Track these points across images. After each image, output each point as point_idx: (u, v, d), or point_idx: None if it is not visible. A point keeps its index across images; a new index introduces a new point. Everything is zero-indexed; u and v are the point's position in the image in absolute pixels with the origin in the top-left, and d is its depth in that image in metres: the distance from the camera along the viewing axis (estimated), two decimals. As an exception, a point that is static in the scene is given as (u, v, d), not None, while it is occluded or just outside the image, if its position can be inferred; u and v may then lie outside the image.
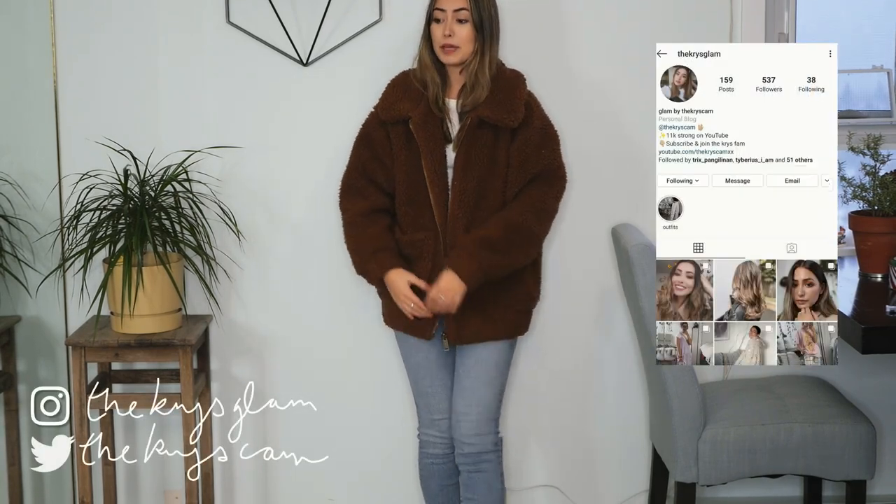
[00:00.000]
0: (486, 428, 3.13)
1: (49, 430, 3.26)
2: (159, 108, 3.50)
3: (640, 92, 3.43)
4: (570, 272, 3.60)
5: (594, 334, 3.65)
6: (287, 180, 3.54)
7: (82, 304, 3.44)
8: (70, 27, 3.46)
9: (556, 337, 3.63)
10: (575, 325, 3.64)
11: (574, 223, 3.57)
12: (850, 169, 3.38)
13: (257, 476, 3.67)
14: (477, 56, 3.06)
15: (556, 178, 3.15)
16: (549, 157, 3.12)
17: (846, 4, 3.98)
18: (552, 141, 3.15)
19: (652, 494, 3.53)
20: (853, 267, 3.40)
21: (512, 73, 3.15)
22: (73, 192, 3.37)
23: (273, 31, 3.45)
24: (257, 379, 3.60)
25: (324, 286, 3.59)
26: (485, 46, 3.06)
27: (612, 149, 3.56)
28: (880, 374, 3.64)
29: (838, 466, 3.13)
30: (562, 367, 3.66)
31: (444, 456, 3.22)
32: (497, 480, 3.16)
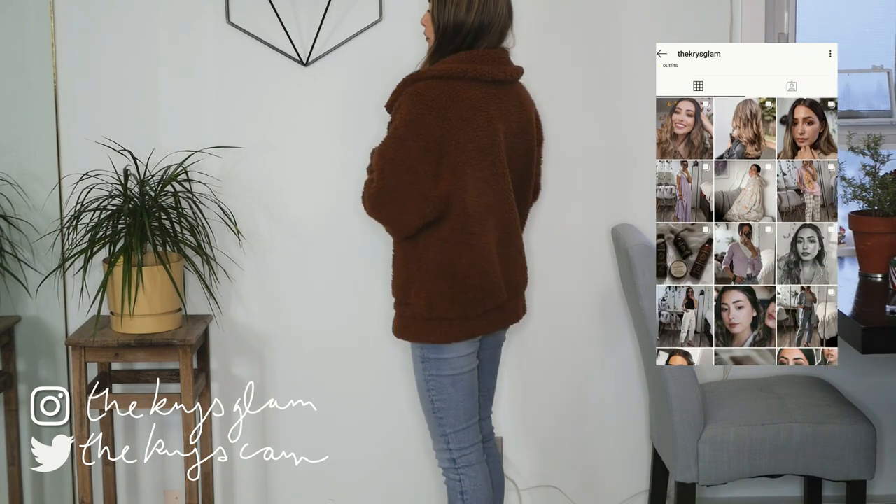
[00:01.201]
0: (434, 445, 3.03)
1: (49, 430, 3.27)
2: (159, 108, 3.50)
3: (640, 92, 3.43)
4: (570, 272, 3.60)
5: (594, 334, 3.65)
6: (287, 180, 3.54)
7: (82, 304, 3.45)
8: (70, 27, 3.46)
9: (556, 337, 3.63)
10: (575, 325, 3.64)
11: (574, 223, 3.58)
12: (850, 169, 3.38)
13: (257, 476, 3.67)
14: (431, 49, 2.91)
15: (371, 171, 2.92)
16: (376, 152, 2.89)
17: (846, 4, 3.98)
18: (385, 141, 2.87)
19: (652, 494, 3.53)
20: (853, 267, 3.40)
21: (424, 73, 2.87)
22: (73, 192, 3.37)
23: (273, 31, 3.46)
24: (257, 379, 3.60)
25: (324, 286, 3.59)
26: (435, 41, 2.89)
27: (612, 149, 3.56)
28: (880, 374, 3.64)
29: (838, 466, 3.13)
30: (562, 366, 3.66)
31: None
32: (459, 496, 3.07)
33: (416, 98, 2.79)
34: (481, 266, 2.86)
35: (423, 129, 2.77)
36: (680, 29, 3.48)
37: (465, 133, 2.79)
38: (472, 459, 2.99)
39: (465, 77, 2.82)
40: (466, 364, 2.94)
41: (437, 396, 2.94)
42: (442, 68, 2.83)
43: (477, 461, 3.00)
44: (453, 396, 2.94)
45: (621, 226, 3.43)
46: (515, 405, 3.66)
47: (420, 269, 2.87)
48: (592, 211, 3.57)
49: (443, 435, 2.97)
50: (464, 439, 2.98)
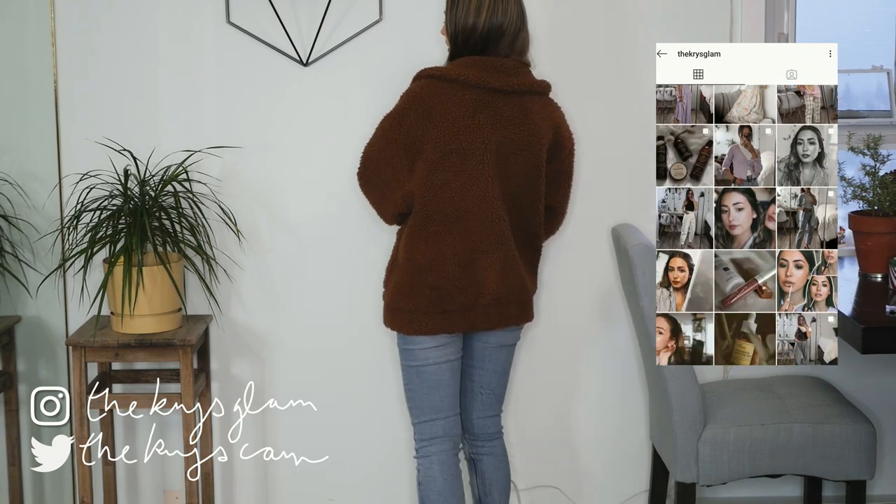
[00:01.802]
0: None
1: (49, 430, 3.27)
2: (159, 108, 3.50)
3: (641, 92, 3.43)
4: (570, 272, 3.60)
5: (594, 334, 3.65)
6: (287, 180, 3.54)
7: (82, 304, 3.45)
8: (70, 27, 3.46)
9: (556, 337, 3.63)
10: (575, 325, 3.64)
11: (574, 223, 3.57)
12: (850, 169, 3.38)
13: (257, 476, 3.67)
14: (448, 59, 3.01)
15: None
16: None
17: (846, 4, 3.98)
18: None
19: (652, 494, 3.53)
20: (853, 267, 3.40)
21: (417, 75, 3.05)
22: (74, 192, 3.37)
23: (273, 31, 3.46)
24: (257, 379, 3.60)
25: (324, 286, 3.59)
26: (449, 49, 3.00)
27: (612, 149, 3.56)
28: (880, 374, 3.64)
29: (838, 466, 3.13)
30: (562, 366, 3.66)
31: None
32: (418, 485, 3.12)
33: (408, 94, 2.95)
34: (439, 266, 2.93)
35: (406, 124, 2.91)
36: (680, 29, 3.48)
37: (447, 135, 2.88)
38: (431, 451, 3.06)
39: (457, 81, 2.89)
40: (431, 357, 3.00)
41: (406, 386, 3.08)
42: (443, 69, 2.93)
43: (435, 453, 3.06)
44: (418, 387, 3.04)
45: (621, 226, 3.43)
46: (515, 405, 3.66)
47: (393, 261, 3.05)
48: (592, 211, 3.57)
49: (413, 424, 3.10)
50: (425, 431, 3.05)
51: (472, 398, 3.15)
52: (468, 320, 2.99)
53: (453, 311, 2.96)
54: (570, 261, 3.60)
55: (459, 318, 2.97)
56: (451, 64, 2.95)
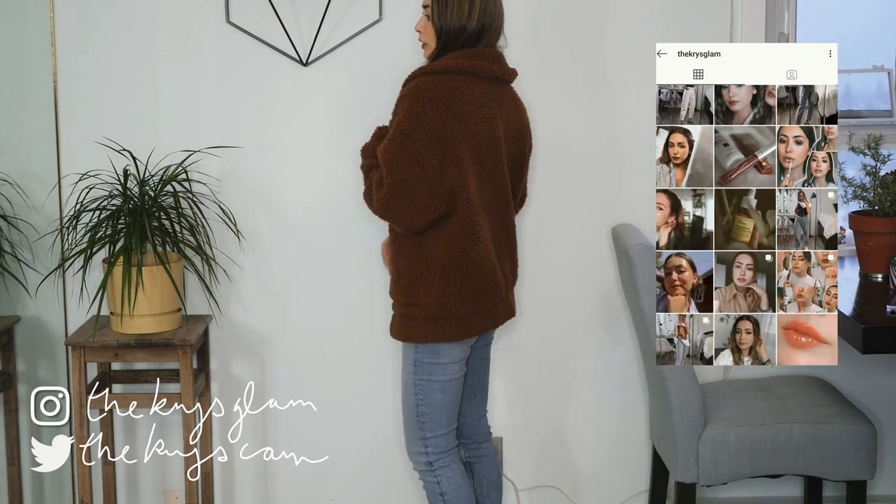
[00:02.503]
0: (412, 447, 3.03)
1: (49, 430, 3.27)
2: (159, 108, 3.50)
3: (641, 92, 3.43)
4: (571, 272, 3.60)
5: (594, 334, 3.65)
6: (287, 180, 3.54)
7: (82, 304, 3.44)
8: (70, 27, 3.46)
9: (556, 337, 3.63)
10: (575, 325, 3.64)
11: (574, 223, 3.57)
12: (850, 169, 3.38)
13: (257, 476, 3.67)
14: (433, 54, 2.93)
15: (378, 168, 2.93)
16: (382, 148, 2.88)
17: (846, 4, 3.98)
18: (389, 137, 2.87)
19: (652, 494, 3.53)
20: (853, 267, 3.40)
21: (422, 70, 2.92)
22: (73, 192, 3.37)
23: (273, 31, 3.45)
24: (257, 379, 3.60)
25: (324, 286, 3.59)
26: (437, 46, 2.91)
27: (613, 149, 3.56)
28: (880, 374, 3.64)
29: (838, 466, 3.13)
30: (562, 366, 3.66)
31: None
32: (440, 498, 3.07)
33: (418, 92, 2.81)
34: (488, 259, 2.89)
35: (427, 121, 2.78)
36: (680, 29, 3.48)
37: (468, 128, 2.81)
38: (448, 461, 3.01)
39: (465, 73, 2.84)
40: (458, 370, 2.96)
41: (424, 401, 2.96)
42: (442, 64, 2.86)
43: (453, 461, 3.02)
44: (440, 402, 2.96)
45: (621, 226, 3.43)
46: (515, 405, 3.66)
47: (429, 268, 2.87)
48: (592, 211, 3.57)
49: (422, 438, 2.99)
50: (442, 444, 3.00)
51: (467, 402, 3.14)
52: (504, 311, 2.99)
53: (498, 304, 2.94)
54: (570, 261, 3.59)
55: (501, 310, 2.97)
56: (448, 58, 2.87)
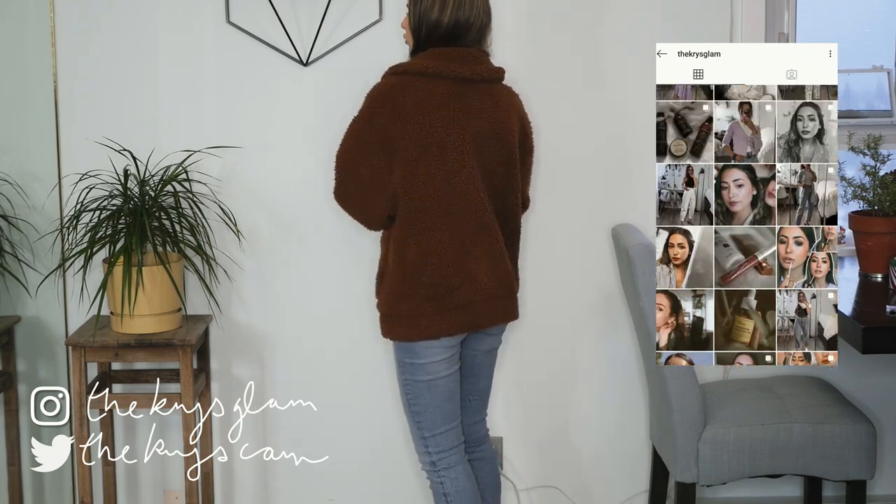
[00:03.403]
0: (415, 447, 3.04)
1: (49, 430, 3.27)
2: (159, 108, 3.50)
3: (640, 92, 3.43)
4: (570, 272, 3.60)
5: (594, 334, 3.65)
6: (287, 180, 3.55)
7: (82, 304, 3.44)
8: (70, 27, 3.46)
9: (556, 337, 3.63)
10: (575, 324, 3.64)
11: (574, 223, 3.58)
12: (850, 169, 3.38)
13: (257, 476, 3.67)
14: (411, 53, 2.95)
15: None
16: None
17: (846, 4, 3.98)
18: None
19: (652, 494, 3.53)
20: (853, 267, 3.40)
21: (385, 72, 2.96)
22: (73, 192, 3.37)
23: (273, 31, 3.46)
24: (257, 379, 3.60)
25: (324, 286, 3.59)
26: (414, 44, 2.93)
27: (613, 149, 3.56)
28: (880, 374, 3.64)
29: (838, 466, 3.13)
30: (562, 366, 3.66)
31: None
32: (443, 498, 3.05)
33: (373, 95, 2.89)
34: (432, 263, 2.85)
35: (377, 124, 2.84)
36: (680, 29, 3.48)
37: (422, 129, 2.82)
38: (453, 461, 3.00)
39: (425, 73, 2.85)
40: (442, 369, 2.93)
41: (414, 401, 2.96)
42: (406, 64, 2.89)
43: (457, 462, 3.00)
44: (430, 402, 2.95)
45: (621, 226, 3.43)
46: (515, 405, 3.66)
47: (385, 266, 2.96)
48: (592, 211, 3.57)
49: (422, 438, 2.98)
50: (442, 443, 2.98)
51: (463, 406, 3.11)
52: (468, 319, 2.90)
53: (452, 311, 2.88)
54: (570, 261, 3.60)
55: (458, 317, 2.89)
56: (417, 57, 2.89)
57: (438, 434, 2.97)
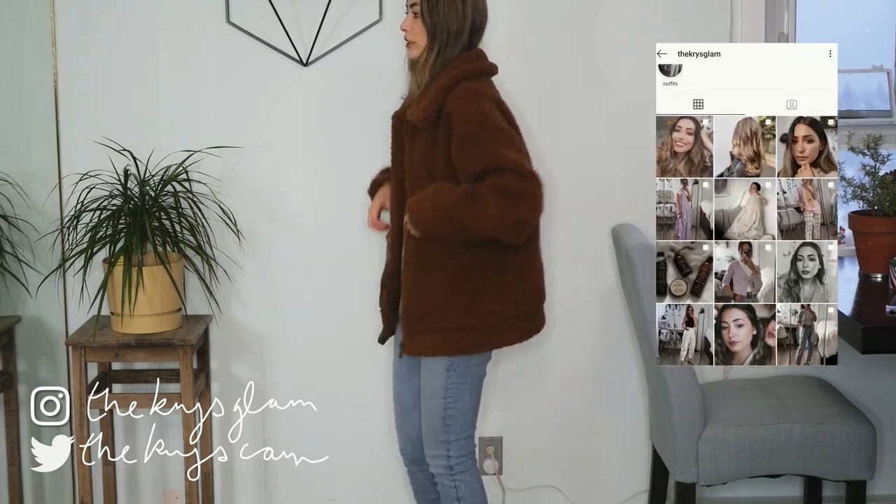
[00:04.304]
0: (433, 450, 3.00)
1: (49, 430, 3.26)
2: (159, 108, 3.50)
3: (640, 92, 3.43)
4: (570, 272, 3.60)
5: (594, 334, 3.65)
6: (287, 180, 3.55)
7: (82, 304, 3.45)
8: (70, 27, 3.46)
9: (556, 337, 3.63)
10: (575, 325, 3.64)
11: (574, 223, 3.58)
12: (849, 169, 3.38)
13: (257, 476, 3.67)
14: (424, 53, 2.89)
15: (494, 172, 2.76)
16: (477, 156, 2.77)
17: (846, 4, 3.98)
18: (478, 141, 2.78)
19: (652, 494, 3.53)
20: (853, 267, 3.40)
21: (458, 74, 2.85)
22: (73, 192, 3.37)
23: (273, 31, 3.46)
24: (257, 379, 3.60)
25: (324, 286, 3.59)
26: (433, 46, 2.87)
27: (612, 149, 3.56)
28: (880, 374, 3.64)
29: (838, 466, 3.13)
30: (562, 367, 3.66)
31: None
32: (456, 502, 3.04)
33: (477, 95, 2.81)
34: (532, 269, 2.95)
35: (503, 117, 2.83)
36: (680, 29, 3.48)
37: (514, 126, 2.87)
38: (469, 465, 3.01)
39: (490, 74, 2.91)
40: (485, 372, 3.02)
41: (452, 404, 2.95)
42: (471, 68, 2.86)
43: (472, 466, 3.02)
44: (468, 403, 2.97)
45: (621, 226, 3.43)
46: (514, 405, 3.66)
47: (500, 271, 2.87)
48: (592, 211, 3.57)
49: (444, 441, 2.97)
50: (465, 447, 3.00)
51: None
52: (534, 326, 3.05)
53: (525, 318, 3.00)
54: (570, 261, 3.59)
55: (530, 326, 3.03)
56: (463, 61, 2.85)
57: (464, 438, 2.99)
